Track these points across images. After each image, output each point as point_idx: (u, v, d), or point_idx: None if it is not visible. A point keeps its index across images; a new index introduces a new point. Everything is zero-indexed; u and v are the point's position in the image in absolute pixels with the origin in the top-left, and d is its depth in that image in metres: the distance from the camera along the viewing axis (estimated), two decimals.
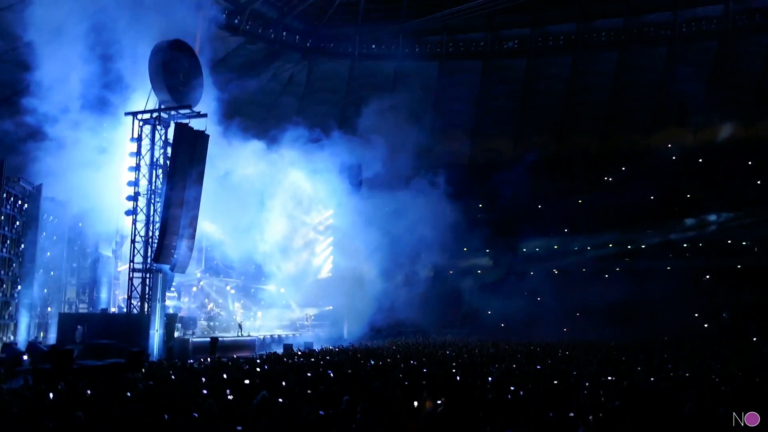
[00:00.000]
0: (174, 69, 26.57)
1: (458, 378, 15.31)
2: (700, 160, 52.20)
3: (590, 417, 10.03)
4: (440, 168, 44.84)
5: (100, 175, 28.37)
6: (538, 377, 15.53)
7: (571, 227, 52.38)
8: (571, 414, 10.32)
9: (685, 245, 50.64)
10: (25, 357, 21.55)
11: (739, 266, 48.16)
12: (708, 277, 48.27)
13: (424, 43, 51.97)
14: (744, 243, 49.97)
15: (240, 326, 34.24)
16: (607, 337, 35.45)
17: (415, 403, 11.00)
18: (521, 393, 12.67)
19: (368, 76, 52.08)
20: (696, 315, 45.80)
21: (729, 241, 49.82)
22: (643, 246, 50.74)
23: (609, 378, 15.53)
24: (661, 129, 53.09)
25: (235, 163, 34.01)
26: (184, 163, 26.04)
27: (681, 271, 47.49)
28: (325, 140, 39.74)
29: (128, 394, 12.04)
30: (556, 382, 14.57)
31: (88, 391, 12.53)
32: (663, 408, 10.98)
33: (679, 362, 20.76)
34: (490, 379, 14.94)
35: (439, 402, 11.10)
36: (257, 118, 43.62)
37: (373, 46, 51.89)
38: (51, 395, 12.14)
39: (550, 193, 51.37)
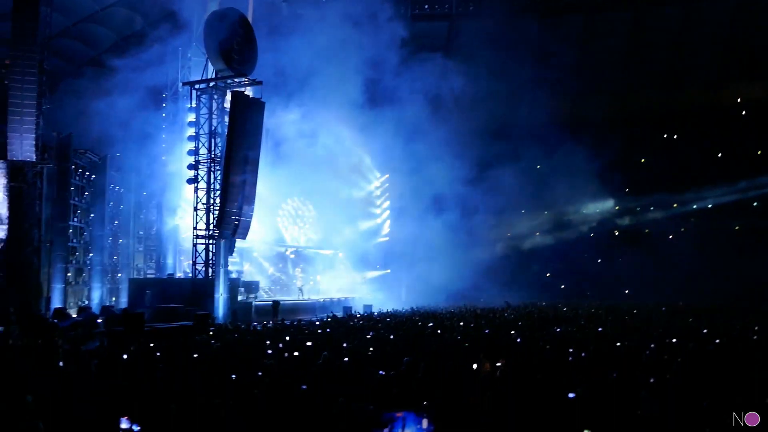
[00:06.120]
0: (228, 37, 26.67)
1: (518, 340, 15.27)
2: None
3: (651, 380, 9.84)
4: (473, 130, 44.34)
5: (162, 145, 29.17)
6: (600, 339, 15.32)
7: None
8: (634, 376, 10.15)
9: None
10: (100, 320, 22.64)
11: None
12: None
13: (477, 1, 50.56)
14: None
15: (300, 290, 34.94)
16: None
17: (474, 366, 11.01)
18: (582, 355, 12.54)
19: (422, 37, 51.09)
20: None
21: None
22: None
23: (673, 340, 15.17)
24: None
25: (290, 129, 34.35)
26: (241, 131, 26.35)
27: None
28: (383, 103, 39.43)
29: (196, 355, 12.49)
30: (618, 344, 14.34)
31: (158, 353, 13.07)
32: (728, 370, 10.67)
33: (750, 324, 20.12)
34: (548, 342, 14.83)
35: (498, 364, 11.09)
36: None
37: (426, 6, 50.82)
38: (125, 356, 12.74)
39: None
